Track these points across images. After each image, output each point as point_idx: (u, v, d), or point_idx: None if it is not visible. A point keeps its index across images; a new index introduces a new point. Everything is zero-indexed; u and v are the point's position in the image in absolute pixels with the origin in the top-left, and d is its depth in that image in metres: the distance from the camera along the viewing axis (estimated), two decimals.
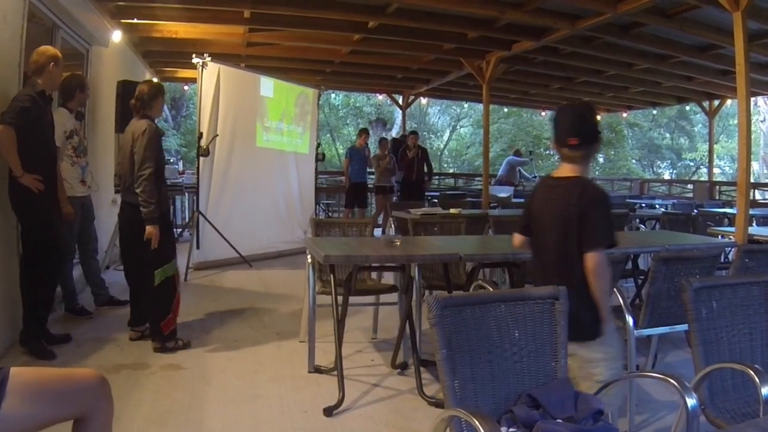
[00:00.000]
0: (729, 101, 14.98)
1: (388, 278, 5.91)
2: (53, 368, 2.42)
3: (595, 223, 2.75)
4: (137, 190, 4.90)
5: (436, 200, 11.64)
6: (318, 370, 4.71)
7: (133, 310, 5.44)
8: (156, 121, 5.27)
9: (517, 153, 16.20)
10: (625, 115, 21.99)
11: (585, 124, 2.88)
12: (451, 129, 33.94)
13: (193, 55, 8.57)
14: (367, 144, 12.63)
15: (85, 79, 6.13)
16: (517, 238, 3.13)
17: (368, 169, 12.90)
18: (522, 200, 11.83)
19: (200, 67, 8.55)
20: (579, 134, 2.84)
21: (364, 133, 12.88)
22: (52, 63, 4.76)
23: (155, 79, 13.04)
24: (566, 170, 2.89)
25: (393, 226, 8.17)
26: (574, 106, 3.07)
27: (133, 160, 4.96)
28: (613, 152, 32.55)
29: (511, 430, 2.23)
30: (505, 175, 15.20)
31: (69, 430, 2.09)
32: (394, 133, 27.85)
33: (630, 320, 3.88)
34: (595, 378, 2.77)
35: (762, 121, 28.84)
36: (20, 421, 1.89)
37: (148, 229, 4.94)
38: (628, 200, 12.43)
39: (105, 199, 7.32)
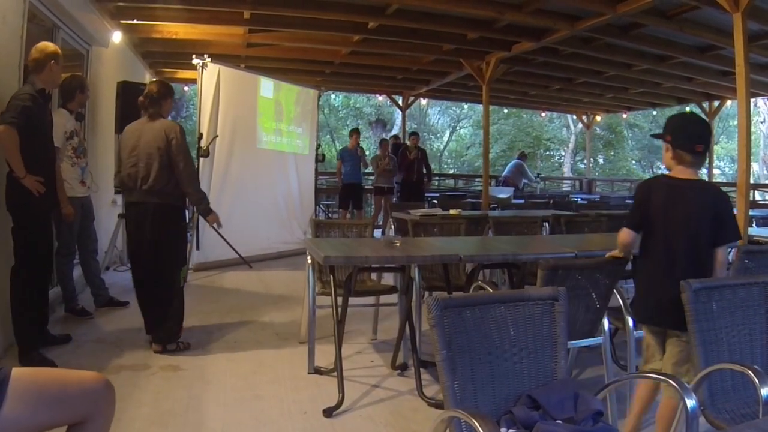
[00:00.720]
0: (729, 102, 14.97)
1: (388, 279, 5.92)
2: (56, 370, 2.41)
3: (729, 222, 3.12)
4: (189, 189, 5.02)
5: (435, 201, 11.64)
6: (318, 371, 4.71)
7: (149, 317, 5.20)
8: None
9: (523, 156, 16.14)
10: (624, 115, 22.00)
11: (708, 134, 3.27)
12: (451, 130, 33.98)
13: (193, 56, 8.58)
14: (359, 144, 12.61)
15: (85, 80, 6.12)
16: (629, 234, 3.36)
17: (364, 170, 12.90)
18: (522, 201, 11.86)
19: (200, 68, 8.57)
20: (705, 142, 3.16)
21: (355, 133, 12.85)
22: (53, 60, 4.69)
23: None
24: (687, 173, 3.14)
25: (393, 227, 8.17)
26: (696, 116, 3.49)
27: (168, 159, 4.94)
28: (612, 153, 32.60)
29: (510, 430, 2.23)
30: (511, 177, 15.16)
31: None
32: (394, 133, 27.87)
33: (630, 321, 3.88)
34: None
35: (762, 122, 28.86)
36: (20, 422, 1.87)
37: (211, 217, 5.29)
38: (628, 201, 12.42)
39: (105, 199, 7.35)
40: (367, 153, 14.63)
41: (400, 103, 16.72)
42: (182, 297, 5.19)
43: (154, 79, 5.34)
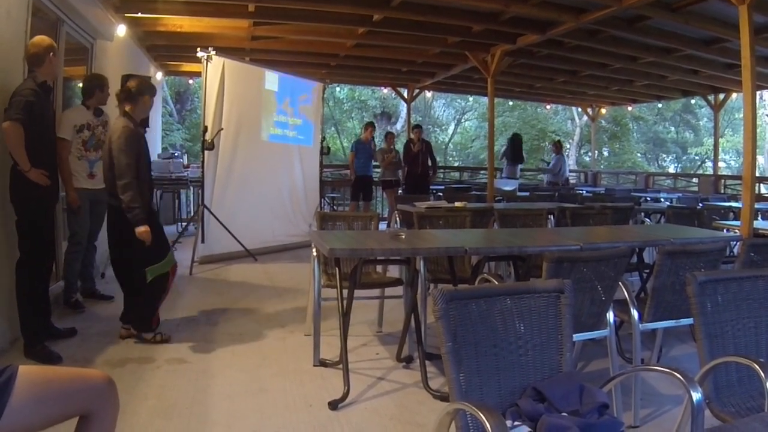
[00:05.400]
0: (734, 95, 14.92)
1: (393, 271, 5.92)
2: (61, 367, 2.44)
3: None
4: (121, 196, 4.82)
5: (441, 193, 11.63)
6: (323, 363, 4.72)
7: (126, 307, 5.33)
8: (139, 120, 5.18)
9: (558, 145, 16.00)
10: (630, 108, 21.96)
11: None
12: (456, 122, 33.92)
13: (198, 49, 8.57)
14: (373, 138, 12.58)
15: (105, 79, 6.14)
16: None
17: (374, 163, 12.90)
18: (527, 194, 11.84)
19: (205, 61, 8.56)
20: None
21: (370, 126, 12.81)
22: (51, 53, 4.75)
23: (159, 75, 13.09)
24: None
25: (398, 219, 8.18)
26: None
27: (112, 162, 4.88)
28: (618, 146, 32.54)
29: (516, 423, 2.23)
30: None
31: (72, 429, 2.10)
32: (399, 126, 27.83)
33: (635, 314, 3.88)
34: None
35: (767, 115, 28.74)
36: (27, 418, 1.91)
37: (138, 230, 4.85)
38: (633, 194, 12.42)
39: None
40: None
41: (405, 95, 16.71)
42: (149, 294, 5.11)
43: (134, 74, 5.26)
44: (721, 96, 14.96)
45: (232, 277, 8.18)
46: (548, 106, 25.08)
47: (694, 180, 18.86)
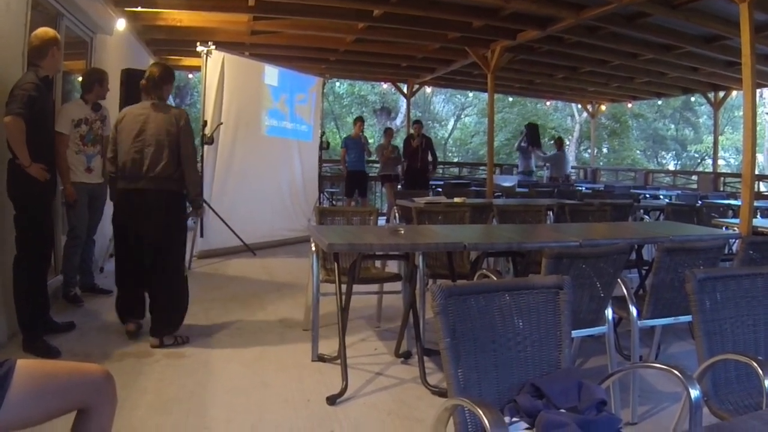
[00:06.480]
0: (734, 93, 14.87)
1: (392, 267, 5.92)
2: (59, 361, 2.45)
3: None
4: (194, 174, 5.00)
5: (440, 189, 11.63)
6: (321, 358, 4.73)
7: (157, 312, 5.05)
8: None
9: (560, 142, 16.01)
10: (629, 105, 21.95)
11: None
12: (456, 118, 33.88)
13: (198, 44, 8.56)
14: (362, 132, 12.62)
15: (105, 74, 6.12)
16: None
17: (368, 158, 12.92)
18: (526, 190, 11.83)
19: (204, 56, 8.55)
20: None
21: (359, 121, 12.87)
22: (54, 47, 4.72)
23: None
24: None
25: (397, 214, 8.18)
26: None
27: (177, 146, 4.87)
28: (617, 143, 32.51)
29: (514, 419, 2.23)
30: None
31: (70, 423, 2.10)
32: (399, 122, 27.80)
33: (634, 311, 3.88)
34: None
35: (767, 113, 28.72)
36: (26, 411, 1.91)
37: (200, 210, 5.48)
38: (632, 191, 12.42)
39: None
40: (371, 141, 14.63)
41: (405, 90, 16.68)
42: (185, 289, 5.14)
43: (155, 62, 5.26)
44: (721, 94, 14.93)
45: (231, 271, 8.18)
46: (548, 103, 25.10)
47: (694, 177, 18.85)
